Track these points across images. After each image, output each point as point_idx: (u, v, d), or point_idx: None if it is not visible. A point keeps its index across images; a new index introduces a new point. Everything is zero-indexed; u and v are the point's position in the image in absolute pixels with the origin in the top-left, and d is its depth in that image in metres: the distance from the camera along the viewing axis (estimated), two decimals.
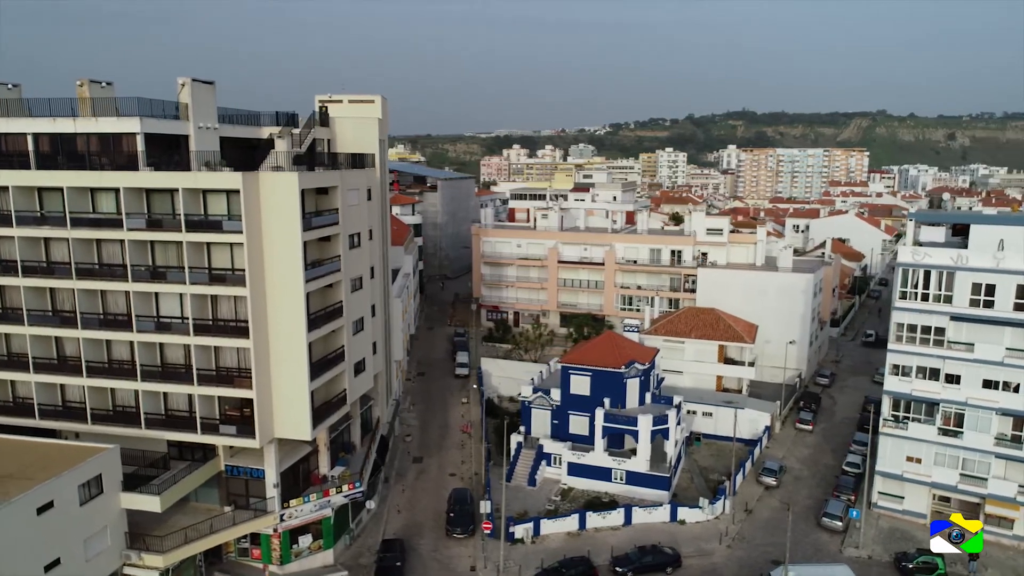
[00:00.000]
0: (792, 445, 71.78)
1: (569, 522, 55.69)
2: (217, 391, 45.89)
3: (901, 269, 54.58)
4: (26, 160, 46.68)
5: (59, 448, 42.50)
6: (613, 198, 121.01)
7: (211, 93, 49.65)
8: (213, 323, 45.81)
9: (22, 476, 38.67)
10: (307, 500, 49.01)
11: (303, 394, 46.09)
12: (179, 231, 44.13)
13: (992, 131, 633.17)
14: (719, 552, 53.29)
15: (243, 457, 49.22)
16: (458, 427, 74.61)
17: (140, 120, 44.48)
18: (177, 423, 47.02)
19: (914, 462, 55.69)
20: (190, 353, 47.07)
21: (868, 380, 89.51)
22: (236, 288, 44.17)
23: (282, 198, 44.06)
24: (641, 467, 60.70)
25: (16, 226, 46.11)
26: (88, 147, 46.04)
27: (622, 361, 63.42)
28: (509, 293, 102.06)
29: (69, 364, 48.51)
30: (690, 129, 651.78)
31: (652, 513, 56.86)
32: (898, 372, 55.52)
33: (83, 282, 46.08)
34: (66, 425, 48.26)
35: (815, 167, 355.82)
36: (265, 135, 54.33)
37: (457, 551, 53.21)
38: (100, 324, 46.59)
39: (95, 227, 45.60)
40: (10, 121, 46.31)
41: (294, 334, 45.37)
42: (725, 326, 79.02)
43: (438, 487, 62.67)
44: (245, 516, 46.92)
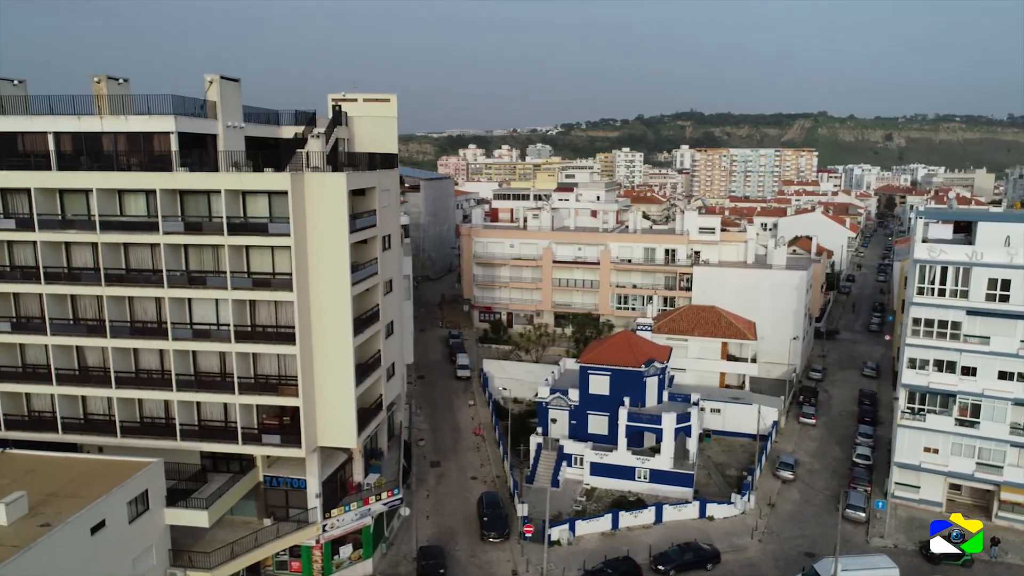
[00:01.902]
0: (798, 439, 73.32)
1: (603, 522, 55.71)
2: (260, 399, 44.37)
3: (918, 266, 56.25)
4: (44, 160, 44.25)
5: (99, 464, 40.47)
6: (597, 198, 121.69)
7: (237, 91, 48.10)
8: (252, 329, 44.25)
9: (67, 494, 36.71)
10: (348, 509, 47.81)
11: (349, 401, 44.95)
12: (220, 234, 42.47)
13: (926, 132, 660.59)
14: (752, 547, 54.04)
15: (280, 467, 47.78)
16: (469, 430, 73.92)
17: (175, 119, 42.64)
18: (215, 434, 45.29)
19: (931, 452, 57.47)
20: (225, 361, 45.51)
21: (857, 374, 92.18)
22: (281, 293, 42.78)
23: (329, 199, 42.87)
24: (665, 465, 61.11)
25: (39, 230, 43.68)
26: (115, 147, 43.95)
27: (641, 360, 63.77)
28: (502, 294, 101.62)
29: (92, 375, 46.25)
30: (640, 129, 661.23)
31: (682, 511, 57.32)
32: (915, 365, 57.23)
33: (113, 288, 43.95)
34: (93, 439, 45.99)
35: (767, 167, 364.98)
36: (284, 134, 52.94)
37: (495, 555, 52.66)
38: (131, 333, 44.49)
39: (127, 231, 43.58)
40: (31, 119, 43.88)
41: (340, 339, 44.20)
42: (727, 323, 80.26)
43: (462, 491, 61.94)
44: (288, 528, 45.48)
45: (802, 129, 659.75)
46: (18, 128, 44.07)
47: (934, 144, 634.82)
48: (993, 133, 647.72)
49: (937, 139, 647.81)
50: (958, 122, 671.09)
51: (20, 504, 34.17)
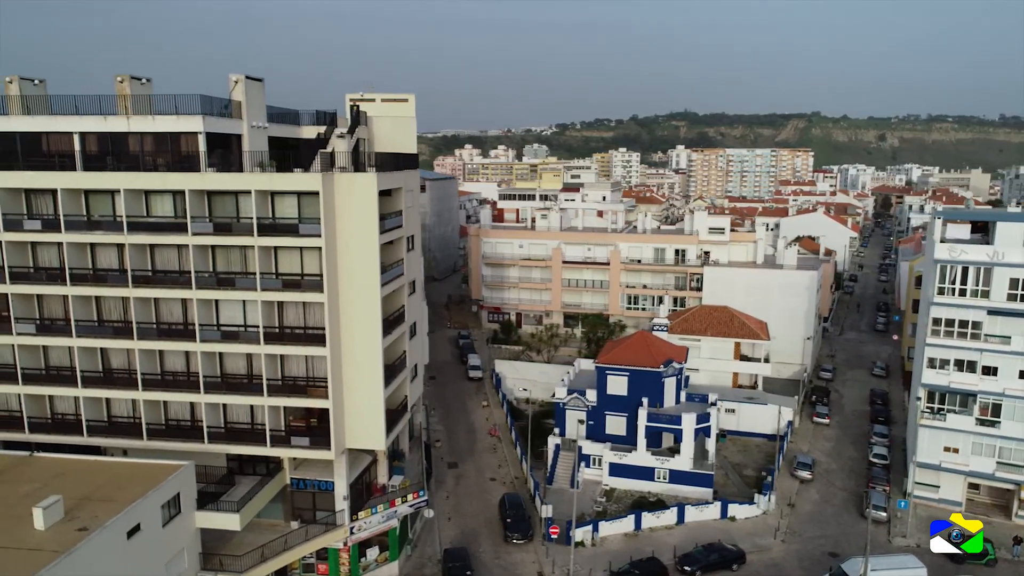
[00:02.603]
0: (813, 439, 73.44)
1: (625, 523, 55.65)
2: (289, 401, 44.06)
3: (938, 266, 56.40)
4: (68, 161, 43.82)
5: (129, 467, 40.12)
6: (603, 198, 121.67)
7: (261, 91, 47.81)
8: (280, 331, 43.96)
9: (101, 498, 36.34)
10: (374, 511, 47.54)
11: (378, 402, 44.70)
12: (249, 235, 42.16)
13: (919, 132, 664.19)
14: (775, 547, 54.06)
15: (306, 470, 47.49)
16: (484, 431, 73.75)
17: (203, 119, 42.30)
18: (243, 436, 44.96)
19: (951, 452, 57.65)
20: (252, 363, 45.20)
21: (866, 373, 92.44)
22: (312, 294, 42.51)
23: (359, 200, 42.63)
24: (685, 465, 61.08)
25: (65, 231, 43.26)
26: (141, 147, 43.57)
27: (660, 360, 63.75)
28: (511, 294, 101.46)
29: (117, 377, 45.86)
30: (635, 129, 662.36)
31: (703, 511, 57.31)
32: (935, 365, 57.40)
33: (139, 290, 43.57)
34: (118, 442, 45.55)
35: (763, 167, 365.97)
36: (304, 135, 52.65)
37: (519, 557, 52.52)
38: (158, 334, 44.12)
39: (155, 232, 43.21)
40: (56, 119, 43.47)
41: (370, 341, 43.95)
42: (739, 323, 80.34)
43: (481, 492, 61.78)
44: (317, 531, 45.20)
45: (796, 129, 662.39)
46: (43, 128, 43.67)
47: (927, 144, 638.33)
48: (985, 133, 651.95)
49: (930, 139, 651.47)
50: (950, 122, 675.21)
51: (56, 508, 33.82)
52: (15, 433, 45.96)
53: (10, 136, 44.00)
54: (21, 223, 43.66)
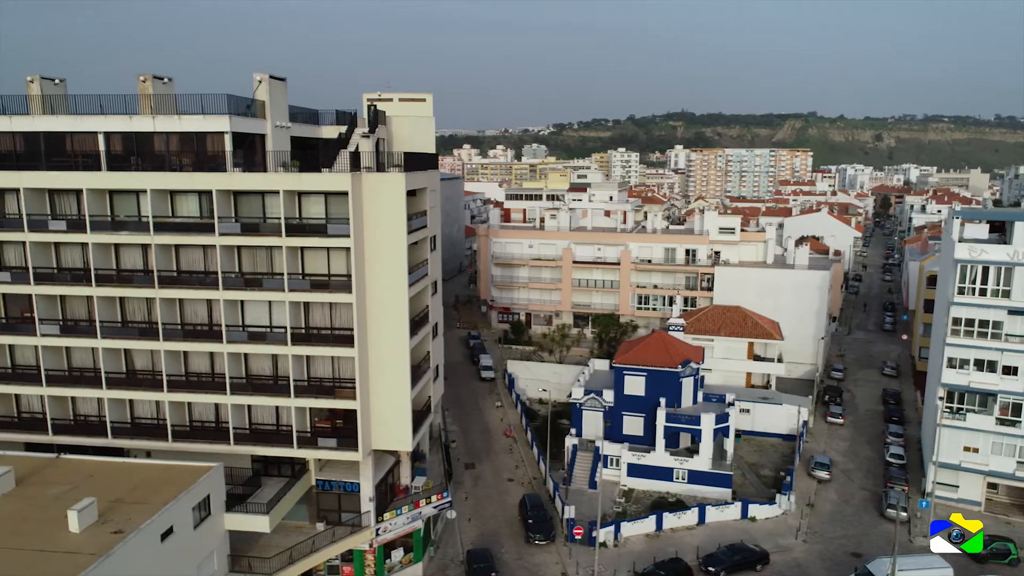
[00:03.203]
0: (828, 439, 73.46)
1: (647, 524, 55.56)
2: (316, 402, 43.87)
3: (959, 265, 56.46)
4: (92, 161, 43.54)
5: (158, 469, 39.83)
6: (610, 198, 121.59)
7: (284, 91, 47.63)
8: (306, 332, 43.75)
9: (133, 500, 36.08)
10: (399, 513, 47.36)
11: (405, 403, 44.53)
12: (277, 236, 41.95)
13: (915, 132, 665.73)
14: (797, 547, 54.01)
15: (330, 471, 47.29)
16: (499, 431, 73.58)
17: (230, 119, 42.08)
18: (269, 437, 44.73)
19: (971, 451, 57.72)
20: (278, 364, 45.00)
21: (876, 373, 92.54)
22: (340, 295, 42.31)
23: (388, 200, 42.47)
24: (704, 466, 61.03)
25: (91, 232, 42.99)
26: (167, 147, 43.32)
27: (677, 360, 63.69)
28: (521, 294, 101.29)
29: (140, 378, 45.61)
30: (632, 129, 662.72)
31: (724, 511, 57.26)
32: (955, 365, 57.44)
33: (165, 291, 43.32)
34: (143, 443, 45.32)
35: (762, 167, 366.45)
36: (324, 134, 52.50)
37: (542, 558, 52.38)
38: (184, 335, 43.86)
39: (181, 232, 42.97)
40: (80, 119, 43.20)
41: (397, 341, 43.78)
42: (753, 323, 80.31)
43: (500, 493, 61.63)
44: (343, 532, 45.00)
45: (792, 129, 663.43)
46: (67, 128, 43.40)
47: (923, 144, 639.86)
48: (981, 133, 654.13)
49: (926, 139, 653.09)
50: (946, 122, 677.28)
51: (90, 511, 33.57)
52: (39, 435, 45.67)
53: (34, 136, 43.76)
54: (46, 223, 43.39)
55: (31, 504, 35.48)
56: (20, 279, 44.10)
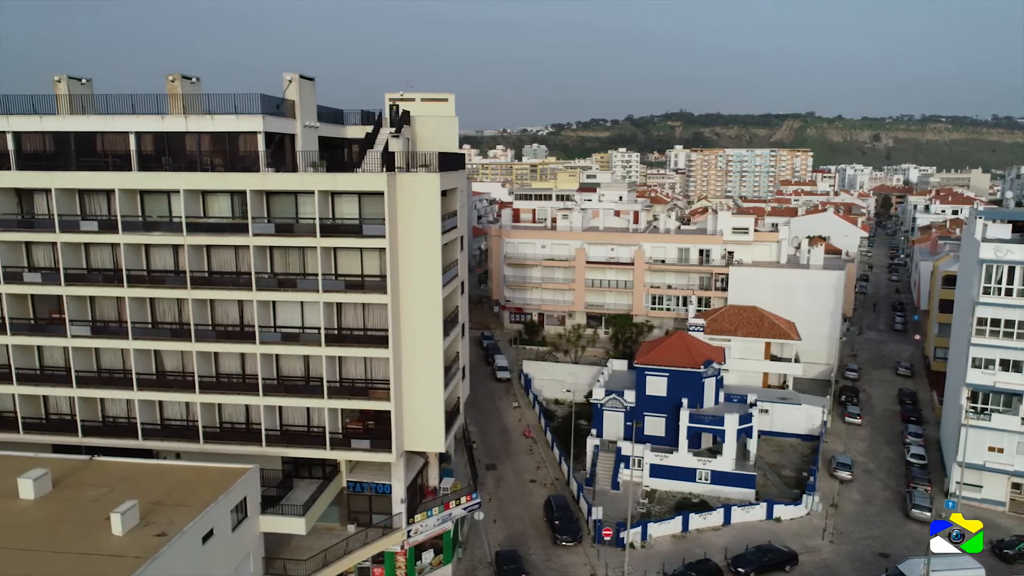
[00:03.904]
0: (847, 439, 73.42)
1: (673, 524, 55.43)
2: (349, 404, 43.67)
3: (984, 265, 56.45)
4: (123, 161, 43.23)
5: (193, 471, 39.54)
6: (619, 198, 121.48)
7: (313, 90, 47.39)
8: (339, 333, 43.51)
9: (173, 502, 35.82)
10: (430, 514, 47.15)
11: (438, 404, 44.35)
12: (311, 236, 41.70)
13: (913, 132, 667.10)
14: (824, 548, 53.92)
15: (360, 472, 47.09)
16: (518, 432, 73.41)
17: (263, 119, 41.83)
18: (301, 439, 44.47)
19: (996, 452, 57.72)
20: (309, 365, 44.78)
21: (890, 373, 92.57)
22: (374, 295, 42.08)
23: (422, 200, 42.25)
24: (727, 466, 60.93)
25: (123, 232, 42.69)
26: (199, 147, 43.04)
27: (700, 361, 63.59)
28: (534, 295, 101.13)
29: (170, 379, 45.33)
30: (630, 130, 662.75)
31: (749, 512, 57.16)
32: (980, 365, 57.43)
33: (198, 291, 43.05)
34: (173, 445, 45.03)
35: (762, 167, 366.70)
36: (349, 134, 52.34)
37: (570, 559, 52.22)
38: (217, 336, 43.60)
39: (213, 233, 42.69)
40: (111, 119, 42.88)
41: (431, 342, 43.57)
42: (770, 323, 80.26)
43: (523, 494, 61.45)
44: (375, 534, 44.79)
45: (791, 129, 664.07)
46: (98, 128, 43.10)
47: (921, 144, 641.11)
48: (978, 133, 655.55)
49: (924, 139, 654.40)
50: (944, 123, 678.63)
51: (132, 513, 33.30)
52: (69, 437, 45.36)
53: (64, 136, 43.45)
54: (77, 224, 43.08)
55: (70, 507, 35.19)
56: (50, 280, 43.78)
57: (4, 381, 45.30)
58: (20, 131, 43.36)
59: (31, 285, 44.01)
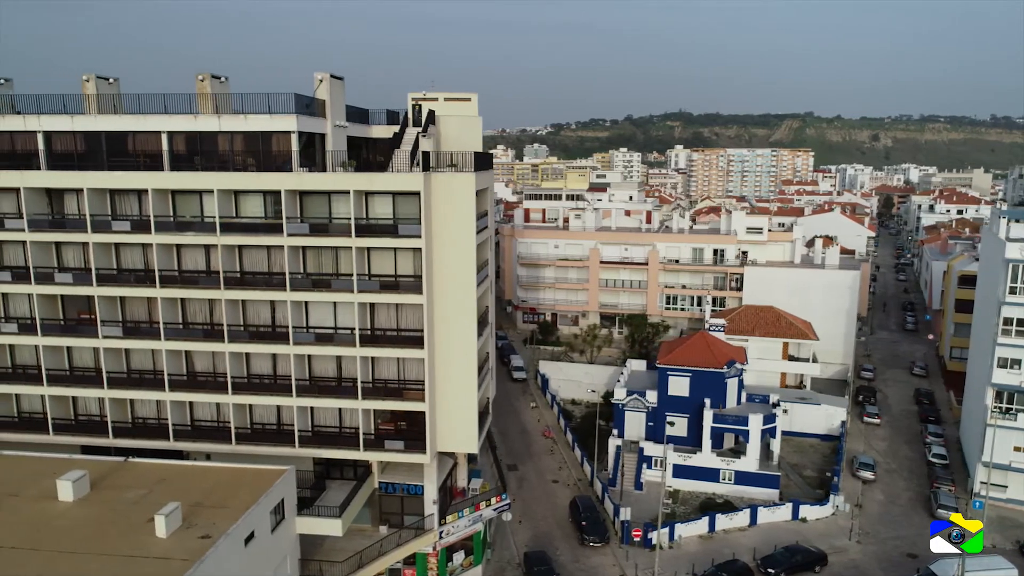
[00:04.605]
0: (866, 439, 73.39)
1: (700, 525, 55.33)
2: (384, 404, 43.49)
3: (1011, 265, 56.40)
4: (154, 160, 42.97)
5: (229, 472, 39.29)
6: (629, 198, 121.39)
7: (342, 89, 47.22)
8: (372, 333, 43.31)
9: (213, 504, 35.57)
10: (461, 515, 47.00)
11: (472, 404, 44.18)
12: (347, 236, 41.49)
13: (911, 132, 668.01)
14: (852, 548, 53.86)
15: (391, 473, 46.91)
16: (537, 432, 73.26)
17: (296, 118, 41.61)
18: (334, 440, 44.28)
19: (1021, 452, 57.68)
20: (341, 365, 44.58)
21: (905, 373, 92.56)
22: (410, 295, 41.89)
23: (457, 200, 42.07)
24: (751, 467, 60.84)
25: (155, 232, 42.44)
26: (231, 146, 42.81)
27: (722, 361, 63.50)
28: (547, 295, 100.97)
29: (200, 380, 45.11)
30: (630, 130, 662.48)
31: (775, 512, 57.07)
32: (1006, 365, 57.38)
33: (231, 292, 42.82)
34: (204, 446, 44.79)
35: (764, 167, 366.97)
36: (374, 134, 52.14)
37: (598, 560, 52.09)
38: (250, 337, 43.36)
39: (247, 233, 42.48)
40: (143, 119, 42.62)
41: (465, 342, 43.38)
42: (787, 323, 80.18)
43: (546, 494, 61.30)
44: (408, 535, 44.60)
45: (790, 129, 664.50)
46: (130, 127, 42.82)
47: (920, 144, 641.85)
48: (977, 133, 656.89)
49: (923, 139, 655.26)
50: (943, 123, 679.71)
51: (176, 515, 33.07)
52: (99, 438, 45.11)
53: (95, 136, 43.16)
54: (109, 224, 42.84)
55: (110, 509, 34.94)
56: (81, 280, 43.52)
57: (34, 382, 45.07)
58: (51, 131, 43.08)
59: (62, 285, 43.75)
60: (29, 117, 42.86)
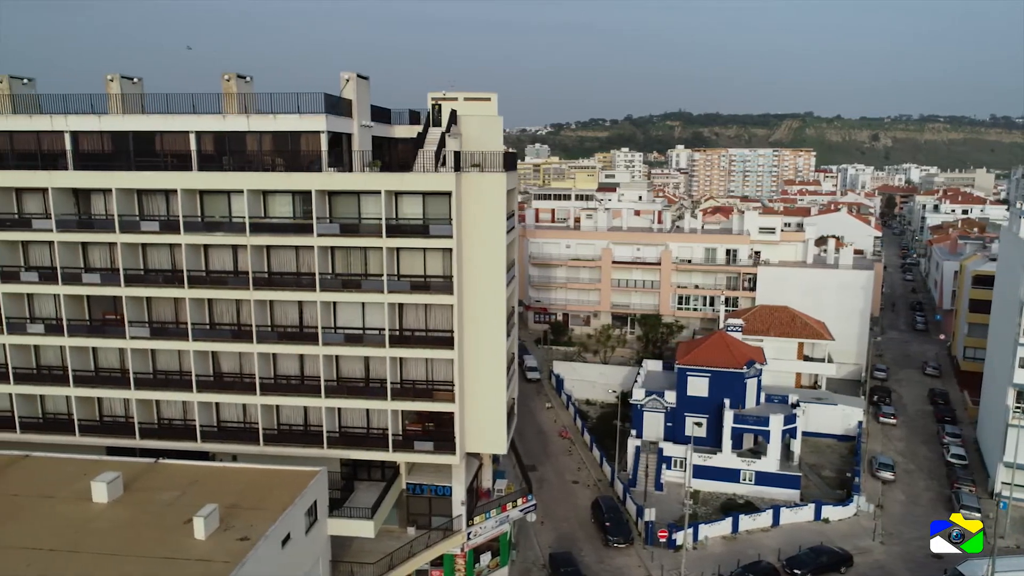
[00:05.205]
0: (884, 439, 73.33)
1: (723, 526, 55.25)
2: (412, 405, 43.34)
3: None
4: (182, 160, 42.75)
5: (261, 473, 39.08)
6: (639, 198, 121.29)
7: (368, 89, 47.05)
8: (400, 334, 43.15)
9: (248, 506, 35.38)
10: (488, 516, 46.86)
11: (501, 404, 44.04)
12: (377, 236, 41.32)
13: (911, 132, 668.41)
14: (876, 549, 53.81)
15: (418, 474, 46.73)
16: (554, 433, 73.15)
17: (326, 118, 41.42)
18: (363, 441, 44.11)
19: None
20: (369, 366, 44.41)
21: (918, 373, 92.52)
22: (440, 296, 41.73)
23: (488, 200, 41.90)
24: (771, 467, 60.79)
25: (184, 232, 42.25)
26: (260, 146, 42.62)
27: (742, 361, 63.41)
28: (558, 295, 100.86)
29: (227, 381, 44.92)
30: (630, 130, 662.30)
31: (797, 513, 56.99)
32: None
33: (260, 292, 42.62)
34: (233, 447, 44.60)
35: (765, 166, 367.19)
36: (396, 134, 51.97)
37: (623, 561, 52.00)
38: (279, 338, 43.18)
39: (277, 233, 42.27)
40: (171, 118, 42.37)
41: (494, 342, 43.23)
42: (802, 323, 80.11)
43: (566, 495, 61.20)
44: (437, 537, 44.45)
45: (790, 129, 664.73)
46: (158, 127, 42.59)
47: (919, 144, 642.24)
48: (977, 133, 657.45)
49: (922, 139, 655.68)
50: (942, 122, 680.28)
51: (214, 517, 32.90)
52: (126, 439, 44.92)
53: (122, 135, 42.95)
54: (137, 224, 42.63)
55: (145, 511, 34.74)
56: (109, 281, 43.32)
57: (60, 383, 44.87)
58: (78, 131, 42.85)
59: (89, 286, 43.54)
60: (56, 117, 42.62)
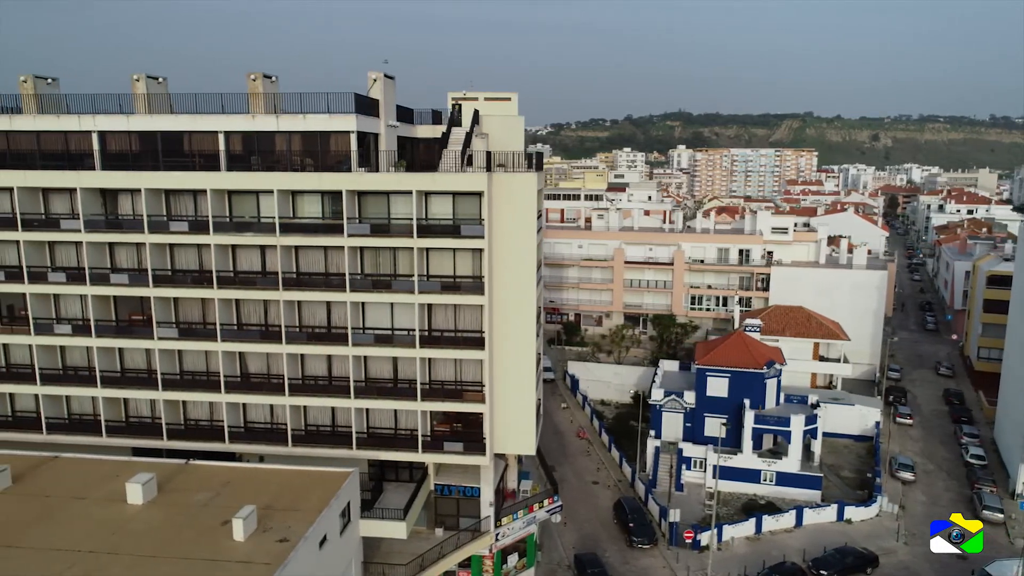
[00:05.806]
0: (900, 439, 73.27)
1: (747, 526, 55.15)
2: (442, 406, 43.21)
3: None
4: (210, 160, 42.58)
5: (293, 474, 38.97)
6: (648, 198, 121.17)
7: (394, 89, 46.92)
8: (430, 334, 43.02)
9: (284, 507, 35.26)
10: (515, 517, 46.74)
11: (530, 405, 43.90)
12: (408, 236, 41.18)
13: (911, 132, 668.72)
14: (900, 550, 53.73)
15: (446, 475, 46.59)
16: (571, 433, 73.05)
17: (356, 118, 41.28)
18: (392, 442, 43.98)
19: None
20: (397, 366, 44.27)
21: (931, 373, 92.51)
22: (471, 296, 41.60)
23: (519, 200, 41.75)
24: (793, 468, 60.70)
25: (213, 233, 42.08)
26: (289, 146, 42.45)
27: (761, 362, 63.32)
28: (570, 295, 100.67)
29: (254, 382, 44.75)
30: (629, 129, 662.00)
31: (820, 513, 56.90)
32: None
33: (289, 293, 42.46)
34: (261, 448, 44.44)
35: (767, 167, 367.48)
36: (419, 134, 51.82)
37: (648, 562, 51.88)
38: (307, 338, 43.02)
39: (308, 234, 42.12)
40: (200, 118, 42.23)
41: (525, 343, 43.08)
42: (817, 324, 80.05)
43: (587, 496, 61.09)
44: (466, 538, 44.32)
45: (790, 129, 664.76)
46: (186, 127, 42.44)
47: (919, 144, 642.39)
48: (976, 133, 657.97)
49: (922, 139, 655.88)
50: (942, 123, 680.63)
51: (252, 519, 32.76)
52: (152, 440, 44.76)
53: (150, 136, 42.78)
54: (166, 225, 42.47)
55: (181, 512, 34.61)
56: (137, 281, 43.16)
57: (87, 384, 44.70)
58: (106, 131, 42.69)
59: (117, 286, 43.37)
60: (84, 117, 42.46)
